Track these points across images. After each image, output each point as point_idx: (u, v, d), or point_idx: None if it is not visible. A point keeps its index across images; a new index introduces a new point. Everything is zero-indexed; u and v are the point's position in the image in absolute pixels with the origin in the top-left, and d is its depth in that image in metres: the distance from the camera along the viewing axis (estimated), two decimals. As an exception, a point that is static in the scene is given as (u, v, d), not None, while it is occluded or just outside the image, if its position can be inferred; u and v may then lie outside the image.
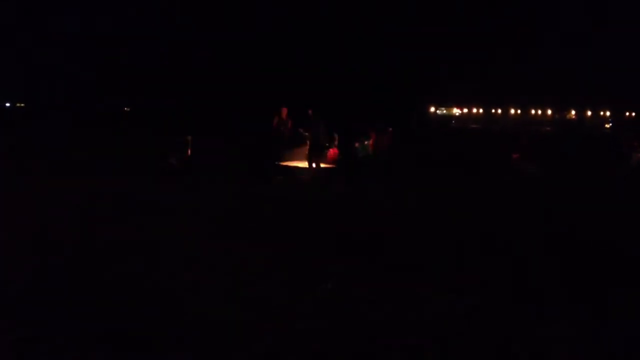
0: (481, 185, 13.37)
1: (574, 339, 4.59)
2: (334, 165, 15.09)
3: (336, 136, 15.61)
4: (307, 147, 14.30)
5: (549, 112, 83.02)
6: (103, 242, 7.11)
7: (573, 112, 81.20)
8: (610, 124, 66.07)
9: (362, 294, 5.47)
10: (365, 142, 16.12)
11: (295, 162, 15.18)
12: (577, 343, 4.54)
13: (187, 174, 13.27)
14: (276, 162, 14.94)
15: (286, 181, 13.11)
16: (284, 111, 15.15)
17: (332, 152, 15.38)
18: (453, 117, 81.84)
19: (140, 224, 8.20)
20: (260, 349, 4.30)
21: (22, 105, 59.20)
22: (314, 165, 13.88)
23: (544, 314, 5.10)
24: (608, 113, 78.55)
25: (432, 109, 79.46)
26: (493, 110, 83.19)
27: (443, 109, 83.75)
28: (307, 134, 14.44)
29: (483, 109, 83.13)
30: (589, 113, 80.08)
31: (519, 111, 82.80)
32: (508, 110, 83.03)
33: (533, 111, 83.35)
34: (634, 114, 72.98)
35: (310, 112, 14.25)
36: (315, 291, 5.54)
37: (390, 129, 17.20)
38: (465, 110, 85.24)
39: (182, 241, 7.26)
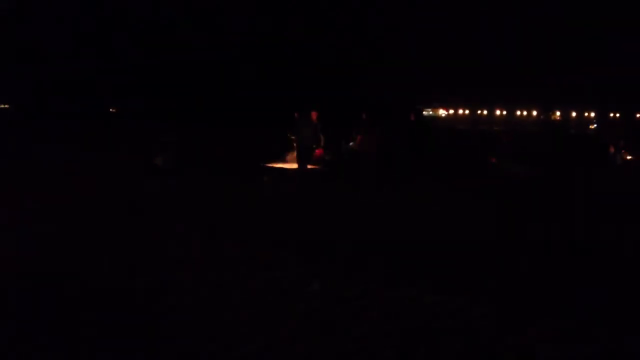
0: (467, 185, 13.39)
1: (562, 340, 4.61)
2: (318, 166, 15.03)
3: (322, 136, 15.55)
4: (295, 148, 14.26)
5: (534, 113, 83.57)
6: (87, 243, 7.05)
7: (558, 113, 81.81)
8: (595, 125, 66.65)
9: (351, 295, 5.46)
10: (351, 143, 16.05)
11: (282, 163, 15.15)
12: (565, 344, 4.55)
13: (173, 174, 13.18)
14: (263, 164, 14.90)
15: (274, 182, 13.06)
16: (314, 115, 14.99)
17: (318, 152, 15.34)
18: (439, 118, 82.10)
19: (126, 224, 8.14)
20: (251, 349, 4.28)
21: (6, 106, 58.44)
22: (302, 166, 13.83)
23: (533, 316, 5.11)
24: (593, 114, 79.24)
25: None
26: (479, 112, 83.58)
27: (429, 109, 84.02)
28: (293, 137, 14.40)
29: (469, 110, 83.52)
30: (574, 114, 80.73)
31: (504, 112, 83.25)
32: (494, 111, 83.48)
33: (519, 112, 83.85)
34: (618, 114, 73.69)
35: (296, 114, 14.25)
36: (304, 292, 5.52)
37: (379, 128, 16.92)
38: (452, 111, 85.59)
39: (168, 242, 7.22)
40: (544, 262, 6.87)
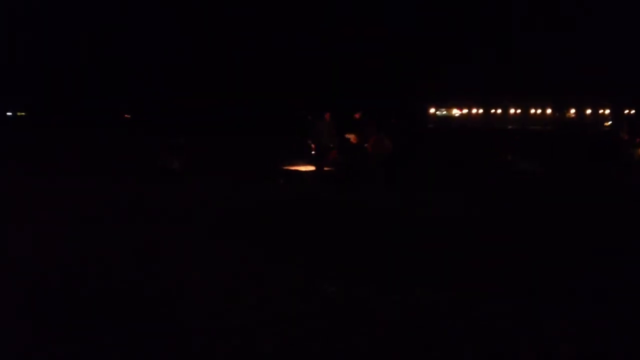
0: (477, 184, 13.37)
1: (564, 338, 4.62)
2: (333, 168, 15.08)
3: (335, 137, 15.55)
4: (311, 150, 14.34)
5: (549, 111, 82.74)
6: (100, 245, 7.14)
7: (573, 111, 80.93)
8: (610, 122, 65.90)
9: (362, 295, 5.48)
10: (365, 145, 16.01)
11: (298, 165, 15.21)
12: (566, 342, 4.57)
13: (184, 176, 13.28)
14: (280, 166, 14.98)
15: (289, 185, 13.11)
16: (327, 116, 15.04)
17: (333, 154, 15.37)
18: (453, 117, 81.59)
19: (137, 226, 8.25)
20: (263, 350, 4.32)
21: (22, 114, 59.10)
22: (319, 168, 13.90)
23: (542, 312, 5.14)
24: (608, 111, 78.30)
25: (432, 110, 79.25)
26: (493, 110, 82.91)
27: (443, 110, 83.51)
28: (309, 141, 14.48)
29: (483, 109, 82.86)
30: (589, 111, 79.81)
31: (518, 111, 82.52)
32: (508, 110, 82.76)
33: (533, 110, 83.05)
34: (633, 111, 72.79)
35: (309, 117, 14.34)
36: (316, 293, 5.54)
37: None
38: (465, 110, 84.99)
39: (180, 244, 7.28)
40: (552, 260, 6.88)
